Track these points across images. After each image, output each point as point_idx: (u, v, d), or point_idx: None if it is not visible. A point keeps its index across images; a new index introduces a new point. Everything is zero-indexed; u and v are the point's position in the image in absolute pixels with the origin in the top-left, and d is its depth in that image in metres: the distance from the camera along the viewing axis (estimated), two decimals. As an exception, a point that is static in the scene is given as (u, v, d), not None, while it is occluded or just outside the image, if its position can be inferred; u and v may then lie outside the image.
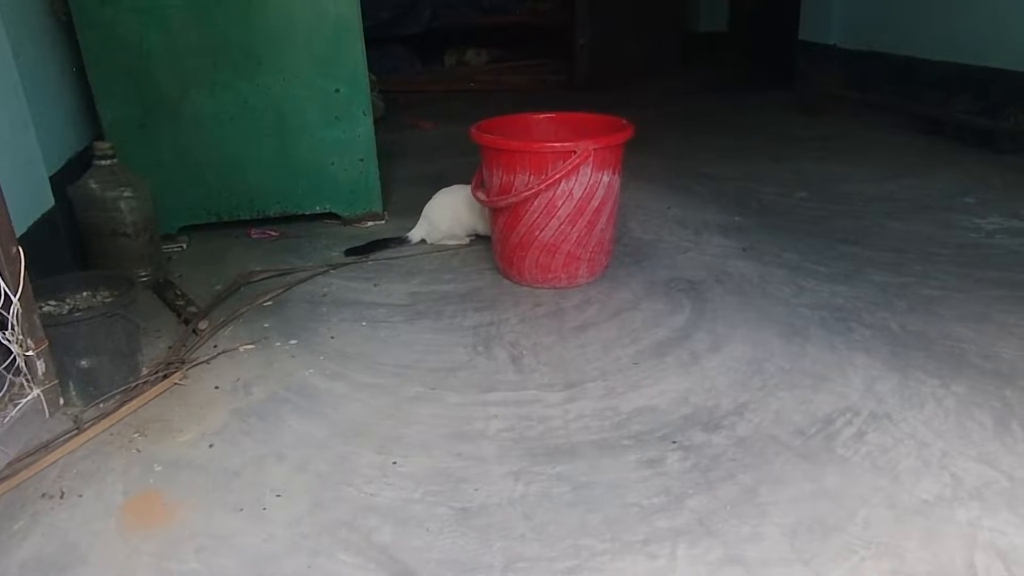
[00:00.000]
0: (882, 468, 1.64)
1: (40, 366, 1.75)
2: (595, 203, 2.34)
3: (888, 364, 2.04)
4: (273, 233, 2.99)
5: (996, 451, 1.70)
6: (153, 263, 2.53)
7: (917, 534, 1.46)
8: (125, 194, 2.39)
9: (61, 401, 1.84)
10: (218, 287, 2.51)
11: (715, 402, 1.86)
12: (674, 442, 1.71)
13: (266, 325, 2.27)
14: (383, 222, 3.12)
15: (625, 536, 1.45)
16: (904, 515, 1.50)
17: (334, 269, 2.66)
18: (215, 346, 2.15)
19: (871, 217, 3.07)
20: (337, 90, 2.86)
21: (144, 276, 2.47)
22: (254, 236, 2.97)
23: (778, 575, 1.35)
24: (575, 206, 2.31)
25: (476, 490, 1.58)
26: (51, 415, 1.80)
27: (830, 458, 1.66)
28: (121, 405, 1.84)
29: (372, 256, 2.77)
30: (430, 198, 2.87)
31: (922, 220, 3.01)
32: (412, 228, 2.88)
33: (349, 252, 2.75)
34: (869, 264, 2.62)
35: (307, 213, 3.05)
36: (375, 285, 2.54)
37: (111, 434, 1.78)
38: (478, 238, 2.86)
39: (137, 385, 1.93)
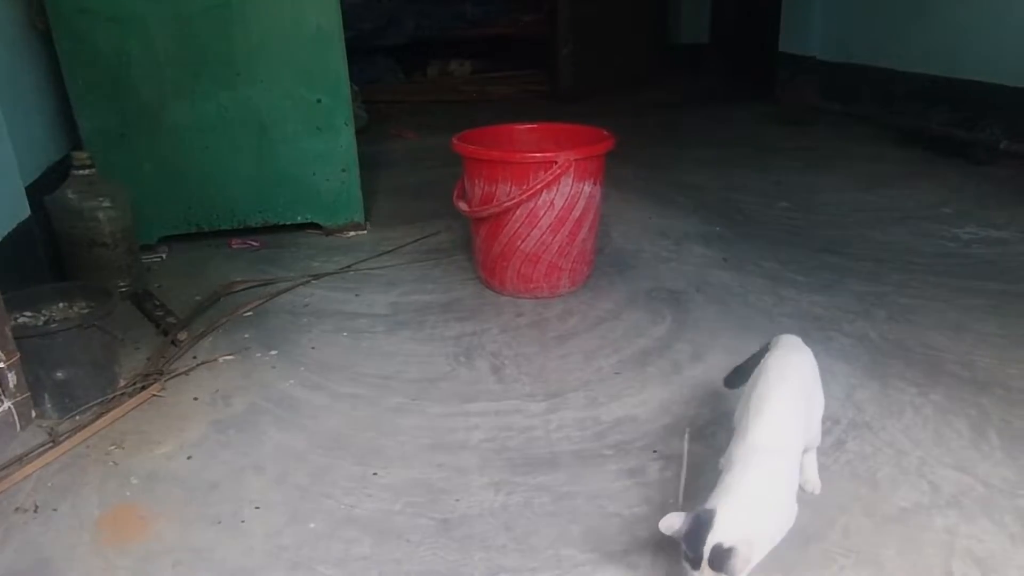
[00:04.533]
0: (861, 476, 1.65)
1: (11, 378, 1.73)
2: (576, 213, 2.35)
3: (867, 373, 2.05)
4: (254, 243, 2.97)
5: (973, 458, 1.72)
6: (132, 274, 2.50)
7: (895, 542, 1.46)
8: (103, 204, 2.37)
9: (33, 414, 1.81)
10: (198, 298, 2.49)
11: (696, 412, 1.87)
12: (655, 452, 1.71)
13: (246, 336, 2.25)
14: (365, 232, 3.11)
15: (606, 546, 1.45)
16: (883, 523, 1.51)
17: (315, 279, 2.65)
18: (194, 357, 2.13)
19: (850, 227, 3.10)
20: (319, 100, 2.86)
21: (123, 287, 2.45)
22: (235, 246, 2.95)
23: (758, 584, 1.36)
24: (557, 216, 2.32)
25: (457, 501, 1.57)
26: (23, 428, 1.77)
27: (810, 467, 1.67)
28: (97, 417, 1.82)
29: (354, 267, 2.76)
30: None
31: (900, 230, 3.04)
32: (398, 242, 2.86)
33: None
34: (848, 274, 2.64)
35: (289, 223, 3.04)
36: (357, 295, 2.53)
37: (87, 447, 1.75)
38: (456, 245, 2.84)
39: (114, 397, 1.91)
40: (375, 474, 1.66)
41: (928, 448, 1.75)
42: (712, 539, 1.15)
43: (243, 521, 1.53)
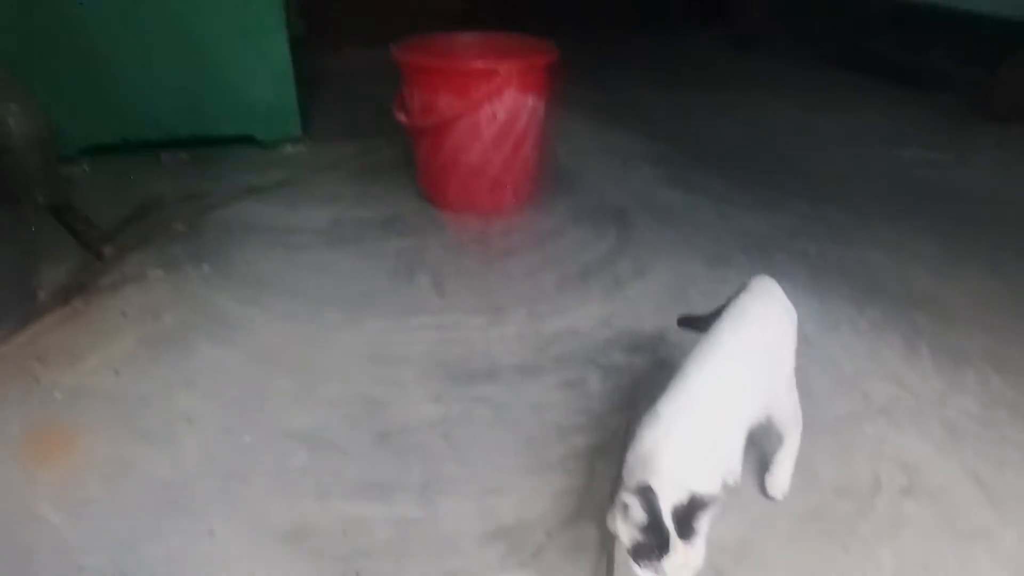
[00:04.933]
0: (798, 388, 1.67)
1: None
2: (520, 127, 2.28)
3: (806, 290, 2.07)
4: (185, 157, 2.82)
5: (905, 372, 1.76)
6: (50, 185, 2.35)
7: (828, 449, 1.50)
8: (12, 109, 2.19)
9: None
10: (124, 212, 2.36)
11: (637, 326, 1.86)
12: (595, 364, 1.71)
13: (177, 251, 2.15)
14: (303, 146, 2.98)
15: (544, 454, 1.45)
16: (817, 432, 1.54)
17: (251, 194, 2.54)
18: (121, 273, 2.04)
19: (796, 148, 3.10)
20: (248, 2, 2.68)
21: (41, 199, 2.30)
22: (164, 160, 2.80)
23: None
24: (500, 129, 2.25)
25: (396, 413, 1.55)
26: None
27: (747, 378, 1.69)
28: (14, 332, 1.73)
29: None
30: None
31: (845, 152, 3.05)
32: (338, 157, 2.74)
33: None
34: (792, 193, 2.65)
35: (222, 136, 2.89)
36: (294, 211, 2.44)
37: (5, 362, 1.67)
38: (399, 162, 2.75)
39: (34, 311, 1.81)
40: (312, 388, 1.62)
41: (863, 361, 1.78)
42: (666, 508, 1.00)
43: (175, 435, 1.49)
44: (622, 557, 1.11)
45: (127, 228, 2.25)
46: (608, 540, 1.24)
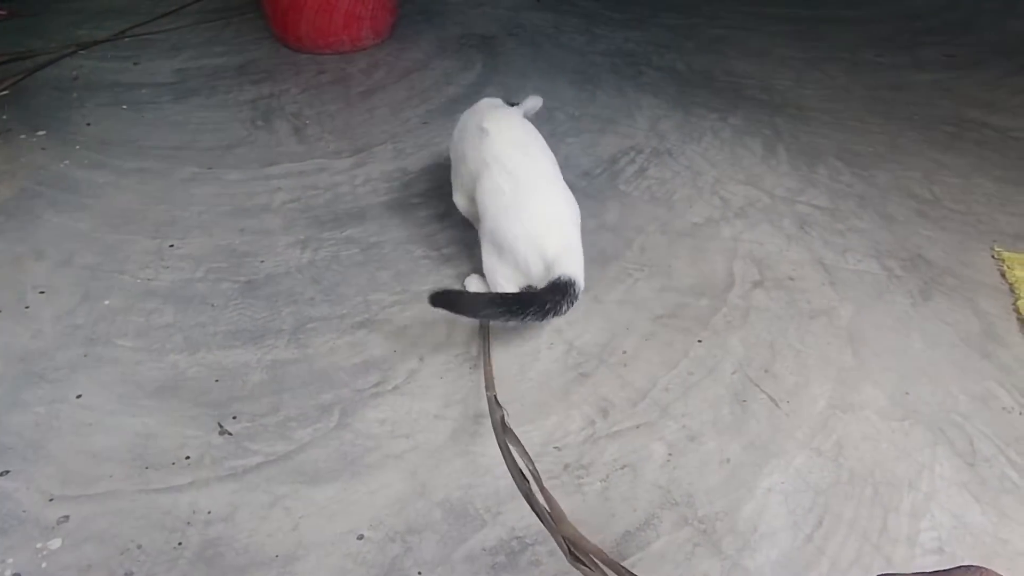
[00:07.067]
0: (659, 199, 1.72)
1: None
2: (371, -49, 2.14)
3: (672, 103, 2.09)
4: (0, 12, 2.53)
5: (762, 174, 1.82)
6: None
7: (686, 252, 1.56)
8: None
9: None
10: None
11: (505, 153, 1.85)
12: (463, 194, 1.70)
13: (5, 117, 1.97)
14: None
15: (415, 287, 1.46)
16: (676, 238, 1.60)
17: (83, 49, 2.32)
18: (-56, 145, 1.87)
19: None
20: None
21: None
22: (-23, 17, 2.52)
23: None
24: (349, -45, 2.10)
25: (262, 262, 1.52)
26: None
27: (613, 194, 1.72)
28: None
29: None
30: None
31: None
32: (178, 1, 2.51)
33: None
34: (662, 7, 2.61)
35: (44, -13, 2.59)
36: (135, 64, 2.25)
37: None
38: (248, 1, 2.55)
39: None
40: (172, 246, 1.57)
41: (723, 168, 1.84)
42: None
43: (28, 307, 1.42)
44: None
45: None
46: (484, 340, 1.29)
